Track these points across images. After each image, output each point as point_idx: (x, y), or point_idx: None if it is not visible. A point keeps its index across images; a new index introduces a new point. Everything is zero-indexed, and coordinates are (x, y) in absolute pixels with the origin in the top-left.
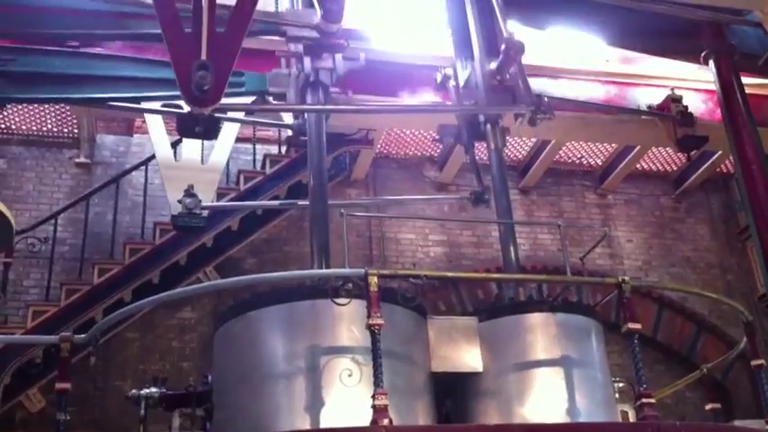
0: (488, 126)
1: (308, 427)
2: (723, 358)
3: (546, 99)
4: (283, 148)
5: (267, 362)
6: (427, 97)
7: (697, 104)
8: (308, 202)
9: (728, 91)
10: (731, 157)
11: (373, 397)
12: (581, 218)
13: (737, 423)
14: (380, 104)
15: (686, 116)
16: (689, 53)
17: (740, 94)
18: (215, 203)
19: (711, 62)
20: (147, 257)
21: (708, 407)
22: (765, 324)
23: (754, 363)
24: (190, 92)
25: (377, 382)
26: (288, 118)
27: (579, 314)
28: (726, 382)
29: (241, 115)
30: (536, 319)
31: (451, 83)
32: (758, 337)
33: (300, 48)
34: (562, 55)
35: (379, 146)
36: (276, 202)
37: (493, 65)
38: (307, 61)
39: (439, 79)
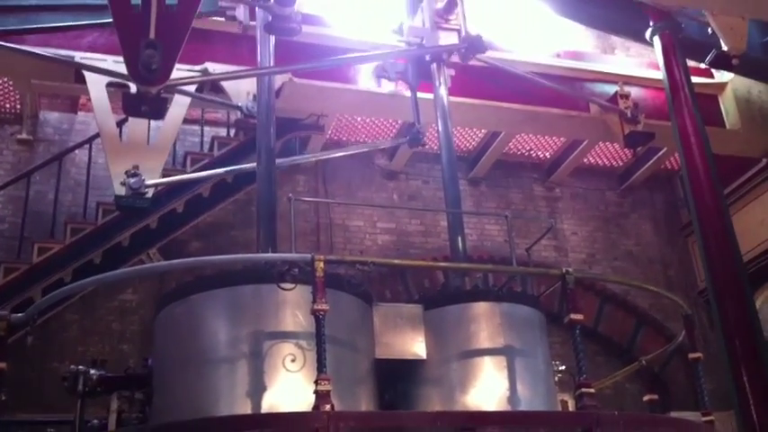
0: (434, 65)
1: (249, 412)
2: (662, 350)
3: (482, 39)
4: (232, 131)
5: (209, 346)
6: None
7: (645, 102)
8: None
9: (672, 69)
10: (676, 155)
11: (316, 382)
12: (528, 210)
13: (674, 414)
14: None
15: (634, 112)
16: (636, 33)
17: (684, 74)
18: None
19: (657, 39)
20: (88, 237)
21: (646, 398)
22: (704, 318)
23: (691, 356)
24: (137, 70)
25: (320, 367)
26: (238, 99)
27: (523, 304)
28: (663, 375)
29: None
30: (481, 308)
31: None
32: (696, 331)
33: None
34: (514, 49)
35: (329, 132)
36: (222, 170)
37: (440, 4)
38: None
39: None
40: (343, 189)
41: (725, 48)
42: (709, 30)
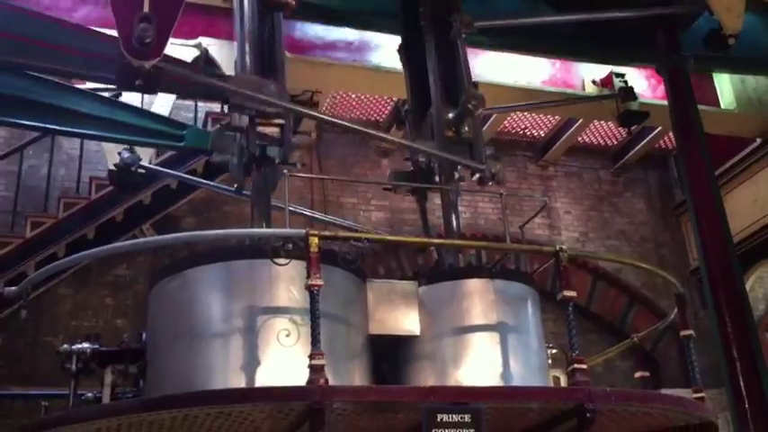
0: (442, 178)
1: (243, 386)
2: (653, 328)
3: (498, 166)
4: (225, 107)
5: (203, 320)
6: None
7: (639, 81)
8: None
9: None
10: (670, 134)
11: (310, 357)
12: (522, 188)
13: (665, 391)
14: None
15: (628, 92)
16: (645, 60)
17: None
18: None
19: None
20: (82, 212)
21: (637, 375)
22: (695, 297)
23: (683, 333)
24: (131, 44)
25: (314, 342)
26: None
27: (517, 281)
28: (655, 353)
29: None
30: (474, 285)
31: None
32: (688, 309)
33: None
34: None
35: (324, 108)
36: None
37: (450, 115)
38: (252, 135)
39: (402, 113)
40: (337, 166)
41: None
42: None
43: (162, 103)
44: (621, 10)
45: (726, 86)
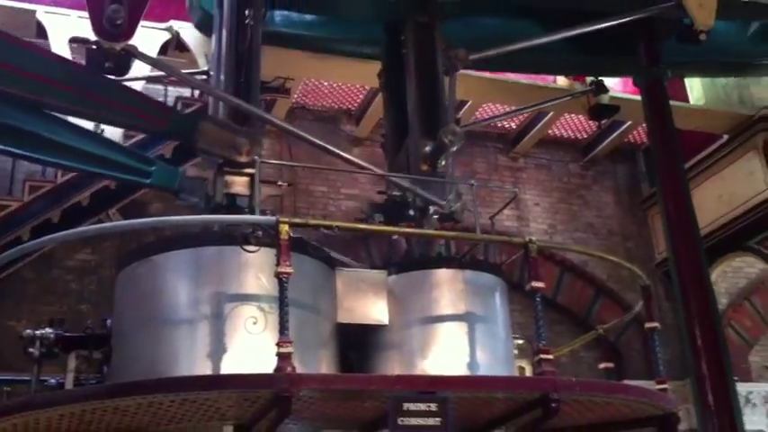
0: (416, 213)
1: (209, 373)
2: (619, 320)
3: (458, 205)
4: (196, 92)
5: (170, 307)
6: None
7: None
8: None
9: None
10: (639, 129)
11: (278, 345)
12: (492, 179)
13: (628, 383)
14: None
15: (600, 86)
16: (625, 72)
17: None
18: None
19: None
20: (47, 196)
21: (601, 366)
22: (660, 290)
23: (648, 325)
24: (101, 26)
25: (282, 330)
26: (203, 61)
27: (486, 272)
28: (619, 345)
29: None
30: (444, 274)
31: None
32: (653, 302)
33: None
34: None
35: (295, 96)
36: None
37: (427, 148)
38: (220, 182)
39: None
40: (307, 154)
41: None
42: None
43: (131, 86)
44: (603, 21)
45: (695, 83)
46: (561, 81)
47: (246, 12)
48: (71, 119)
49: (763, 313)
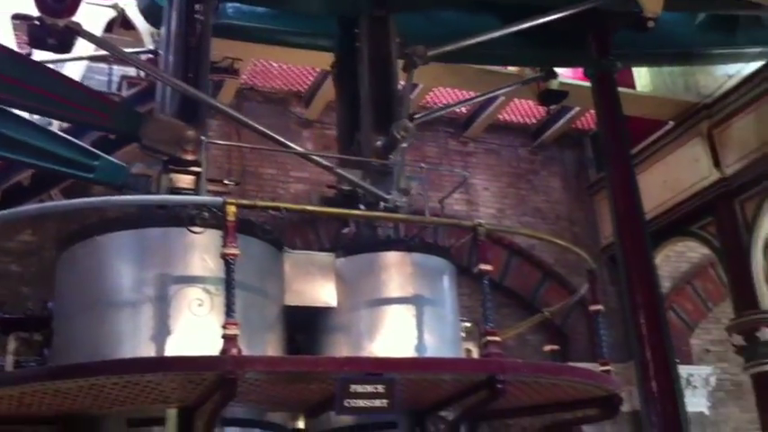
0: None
1: (152, 355)
2: (565, 303)
3: (404, 200)
4: (141, 72)
5: (113, 288)
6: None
7: None
8: None
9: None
10: (587, 115)
11: (224, 327)
12: (443, 163)
13: (573, 365)
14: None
15: (549, 71)
16: (576, 63)
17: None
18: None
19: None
20: None
21: (547, 348)
22: (605, 274)
23: (592, 308)
24: (44, 1)
25: (229, 312)
26: (149, 39)
27: (435, 255)
28: (564, 328)
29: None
30: (392, 257)
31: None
32: (598, 285)
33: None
34: None
35: (244, 76)
36: None
37: (378, 143)
38: (165, 180)
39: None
40: (256, 136)
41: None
42: None
43: (74, 68)
44: (555, 12)
45: (643, 70)
46: (511, 67)
47: (197, 6)
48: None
49: (704, 297)
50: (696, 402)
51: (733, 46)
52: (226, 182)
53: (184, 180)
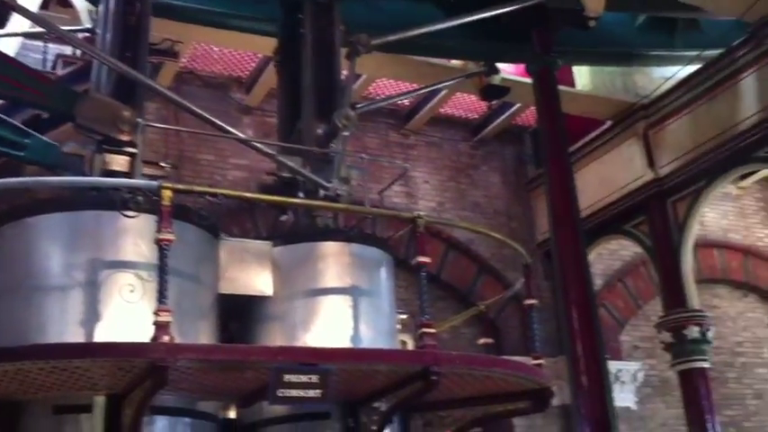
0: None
1: (81, 340)
2: (500, 297)
3: (345, 188)
4: (78, 51)
5: (42, 271)
6: None
7: None
8: None
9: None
10: (527, 111)
11: (155, 313)
12: (383, 155)
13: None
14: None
15: (492, 67)
16: (519, 59)
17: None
18: None
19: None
20: None
21: (481, 341)
22: (540, 270)
23: (527, 302)
24: None
25: (161, 298)
26: (86, 17)
27: (373, 246)
28: (498, 322)
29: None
30: (330, 247)
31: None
32: (534, 280)
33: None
34: None
35: (184, 60)
36: None
37: (320, 131)
38: (98, 160)
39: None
40: (195, 120)
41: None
42: None
43: (7, 44)
44: (499, 7)
45: (583, 69)
46: (455, 61)
47: None
48: None
49: (634, 294)
50: (624, 397)
51: (671, 48)
52: (162, 164)
53: (119, 161)
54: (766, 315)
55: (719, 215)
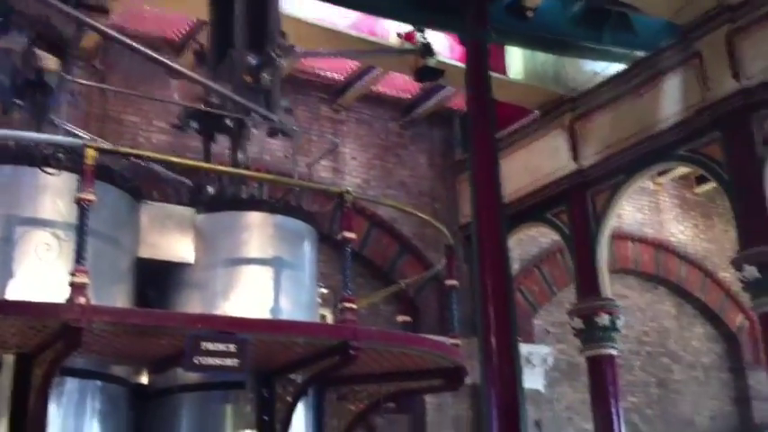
0: (234, 123)
1: None
2: (421, 276)
3: (291, 120)
4: None
5: None
6: None
7: (439, 40)
8: None
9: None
10: (459, 95)
11: (72, 274)
12: (313, 129)
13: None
14: None
15: (428, 48)
16: (452, 28)
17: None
18: None
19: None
20: None
21: (399, 319)
22: (460, 252)
23: (448, 282)
24: None
25: (78, 259)
26: None
27: (298, 218)
28: (417, 301)
29: None
30: (255, 217)
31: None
32: (455, 261)
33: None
34: None
35: (114, 17)
36: None
37: (252, 61)
38: (30, 56)
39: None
40: (122, 80)
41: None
42: None
43: None
44: None
45: (516, 57)
46: (393, 39)
47: None
48: None
49: (550, 281)
50: (533, 380)
51: (600, 43)
52: (95, 65)
53: (51, 59)
54: (673, 307)
55: (636, 209)
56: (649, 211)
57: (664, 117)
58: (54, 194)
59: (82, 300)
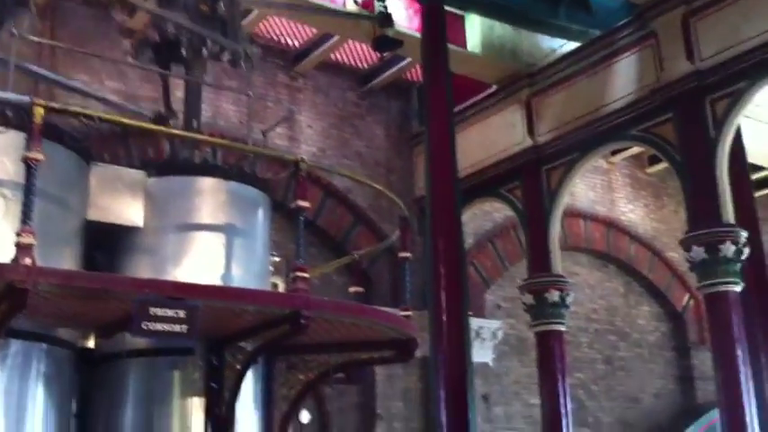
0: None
1: None
2: (376, 247)
3: (255, 49)
4: None
5: None
6: None
7: (399, 9)
8: None
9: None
10: (417, 67)
11: (18, 234)
12: (269, 95)
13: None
14: None
15: (386, 17)
16: None
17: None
18: None
19: None
20: None
21: (351, 289)
22: (414, 224)
23: (401, 254)
24: None
25: (25, 219)
26: None
27: (251, 185)
28: (370, 272)
29: None
30: (207, 183)
31: None
32: (410, 233)
33: None
34: None
35: None
36: None
37: None
38: None
39: None
40: (73, 39)
41: None
42: None
43: None
44: None
45: (475, 30)
46: (351, 6)
47: None
48: None
49: (502, 256)
50: (482, 354)
51: (557, 19)
52: None
53: None
54: (622, 285)
55: (588, 187)
56: (601, 189)
57: (618, 96)
58: (1, 153)
59: (27, 261)
